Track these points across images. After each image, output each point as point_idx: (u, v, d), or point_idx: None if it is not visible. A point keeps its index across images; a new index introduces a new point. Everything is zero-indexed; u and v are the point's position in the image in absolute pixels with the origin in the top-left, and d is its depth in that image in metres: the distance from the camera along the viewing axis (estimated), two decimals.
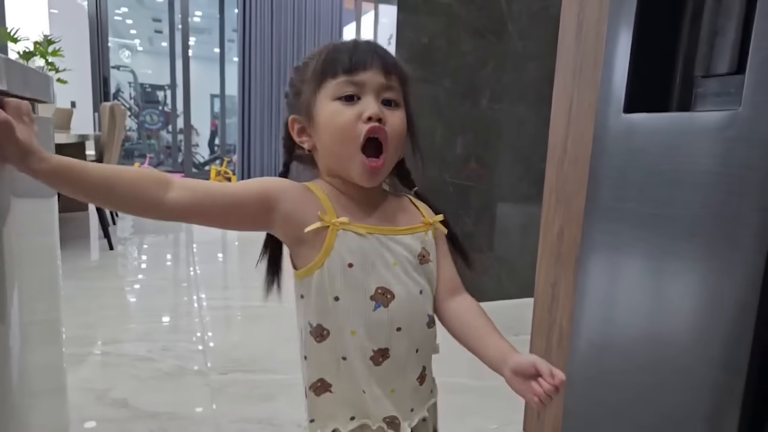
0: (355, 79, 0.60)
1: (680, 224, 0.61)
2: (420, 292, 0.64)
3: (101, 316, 1.95)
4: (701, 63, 0.63)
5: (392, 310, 0.61)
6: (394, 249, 0.63)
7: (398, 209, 0.68)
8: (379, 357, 0.62)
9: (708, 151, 0.58)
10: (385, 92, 0.61)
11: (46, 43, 3.08)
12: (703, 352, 0.60)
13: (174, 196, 0.56)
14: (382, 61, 0.61)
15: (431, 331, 0.68)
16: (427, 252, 0.67)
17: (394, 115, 0.62)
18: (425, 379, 0.68)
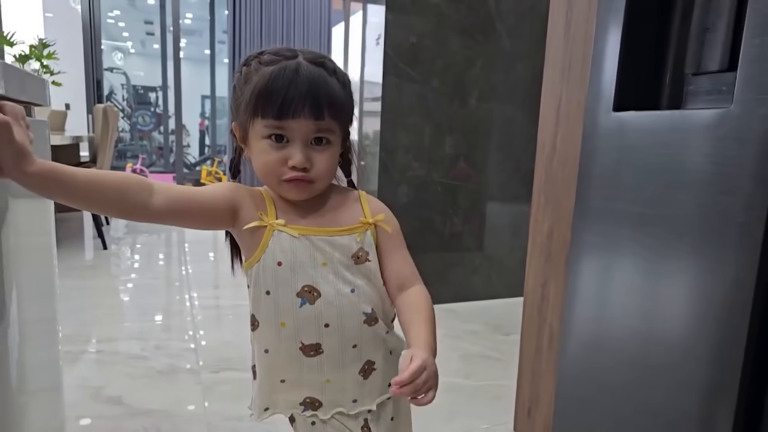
0: (284, 124, 0.62)
1: (671, 223, 0.61)
2: (351, 290, 0.67)
3: (96, 315, 1.96)
4: (692, 60, 0.63)
5: (318, 307, 0.66)
6: (325, 250, 0.66)
7: (339, 209, 0.70)
8: (310, 350, 0.67)
9: (699, 149, 0.57)
10: (314, 134, 0.63)
11: (41, 47, 3.10)
12: (695, 351, 0.59)
13: (155, 201, 0.61)
14: (312, 107, 0.61)
15: (374, 328, 0.69)
16: (365, 252, 0.69)
17: (322, 156, 0.65)
18: (371, 373, 0.71)
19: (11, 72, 0.61)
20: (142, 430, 1.23)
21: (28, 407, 0.71)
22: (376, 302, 0.70)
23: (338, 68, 0.67)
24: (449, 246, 2.21)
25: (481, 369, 1.59)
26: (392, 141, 2.04)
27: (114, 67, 8.17)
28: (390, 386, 0.70)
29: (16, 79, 0.63)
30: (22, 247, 0.68)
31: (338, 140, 0.66)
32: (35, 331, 0.75)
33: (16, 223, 0.64)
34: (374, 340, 0.70)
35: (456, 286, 2.25)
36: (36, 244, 0.78)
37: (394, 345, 0.74)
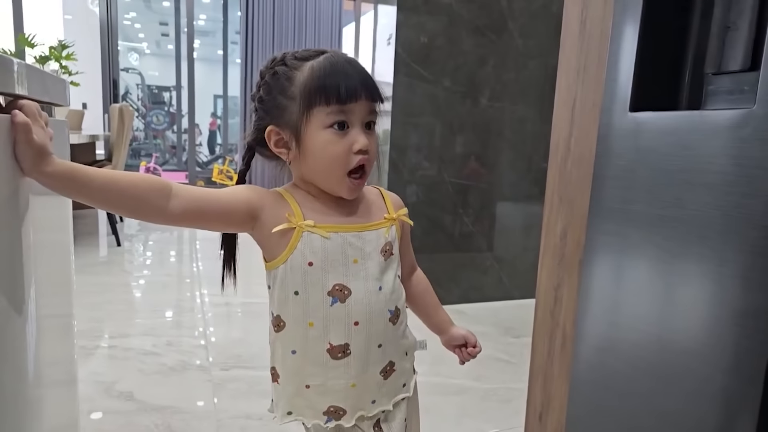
0: (347, 108, 0.63)
1: (691, 226, 0.59)
2: (379, 288, 0.68)
3: (109, 311, 1.98)
4: (712, 59, 0.61)
5: (349, 305, 0.66)
6: (356, 245, 0.67)
7: (366, 205, 0.71)
8: (338, 352, 0.67)
9: (720, 150, 0.56)
10: (368, 117, 0.65)
11: (60, 48, 3.17)
12: (715, 358, 0.58)
13: (172, 206, 0.60)
14: (369, 89, 0.64)
15: (396, 327, 0.71)
16: (391, 246, 0.71)
17: (372, 139, 0.66)
18: (391, 373, 0.72)
19: (33, 73, 0.62)
20: (153, 426, 1.24)
21: (44, 400, 0.72)
22: (399, 300, 0.72)
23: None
24: (459, 246, 2.20)
25: (491, 372, 1.58)
26: (403, 140, 2.03)
27: (129, 68, 8.28)
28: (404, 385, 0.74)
29: (37, 80, 0.64)
30: (42, 244, 0.69)
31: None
32: (52, 325, 0.76)
33: (36, 219, 0.64)
34: (395, 339, 0.72)
35: (466, 287, 2.24)
36: (55, 240, 0.79)
37: (408, 346, 0.75)
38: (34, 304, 0.64)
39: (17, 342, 0.60)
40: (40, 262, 0.67)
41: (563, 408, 0.92)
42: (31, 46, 3.17)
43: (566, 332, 0.93)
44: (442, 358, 1.67)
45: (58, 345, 0.81)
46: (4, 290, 0.54)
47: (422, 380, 0.76)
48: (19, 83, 0.57)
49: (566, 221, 0.90)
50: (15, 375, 0.60)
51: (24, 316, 0.60)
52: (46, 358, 0.72)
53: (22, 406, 0.62)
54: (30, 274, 0.62)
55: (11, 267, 0.57)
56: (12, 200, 0.57)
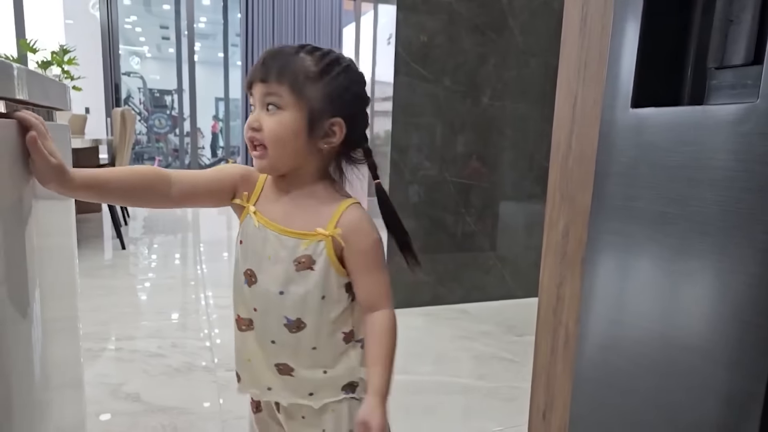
0: (252, 91, 0.69)
1: (693, 222, 0.59)
2: (280, 292, 0.70)
3: (114, 314, 1.99)
4: (714, 54, 0.60)
5: (253, 291, 0.72)
6: (274, 245, 0.70)
7: (307, 212, 0.71)
8: (242, 324, 0.74)
9: (723, 146, 0.55)
10: (266, 98, 0.68)
11: (62, 53, 3.19)
12: (719, 355, 0.57)
13: (174, 191, 0.70)
14: (261, 71, 0.67)
15: (297, 335, 0.71)
16: (312, 260, 0.69)
17: (269, 119, 0.67)
18: (287, 374, 0.73)
19: (34, 78, 0.63)
20: (160, 426, 1.24)
21: (50, 403, 0.72)
22: (310, 314, 0.70)
23: (325, 54, 0.69)
24: (462, 246, 2.19)
25: (494, 370, 1.57)
26: (404, 140, 2.03)
27: (131, 72, 8.31)
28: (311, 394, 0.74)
29: (38, 85, 0.65)
30: (45, 247, 0.70)
31: (293, 109, 0.67)
32: (57, 328, 0.77)
33: (39, 223, 0.65)
34: (296, 348, 0.72)
35: (468, 287, 2.23)
36: (58, 244, 0.80)
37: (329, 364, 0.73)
38: (39, 308, 0.64)
39: (23, 345, 0.60)
40: (45, 265, 0.68)
41: (566, 406, 0.92)
42: (33, 51, 3.19)
43: (569, 330, 0.93)
44: (445, 358, 1.68)
45: (63, 347, 0.82)
46: (9, 294, 0.54)
47: (426, 379, 0.76)
48: (19, 88, 0.58)
49: (568, 219, 0.90)
50: (22, 378, 0.60)
51: (29, 320, 0.61)
52: (52, 361, 0.72)
53: (30, 408, 0.62)
54: (34, 278, 0.63)
55: (16, 271, 0.57)
56: (16, 205, 0.57)
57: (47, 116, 0.78)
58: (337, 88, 0.68)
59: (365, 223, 0.71)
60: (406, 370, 1.51)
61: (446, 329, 1.92)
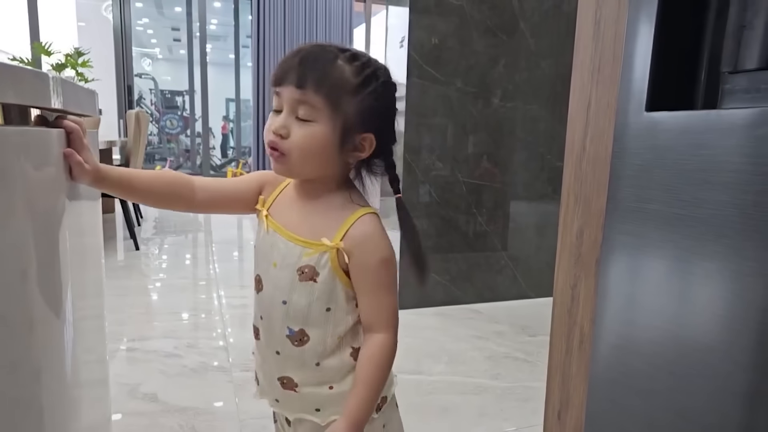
0: (277, 91, 0.64)
1: (709, 225, 0.59)
2: (283, 302, 0.67)
3: (130, 314, 2.02)
4: (728, 58, 0.61)
5: (260, 297, 0.71)
6: (281, 251, 0.67)
7: (317, 220, 0.67)
8: (255, 332, 0.73)
9: (737, 149, 0.56)
10: (297, 105, 0.62)
11: (76, 55, 3.23)
12: (735, 356, 0.58)
13: (198, 197, 0.71)
14: (298, 75, 0.61)
15: (300, 349, 0.67)
16: (315, 272, 0.65)
17: (298, 130, 0.63)
18: (291, 388, 0.70)
19: (68, 87, 0.65)
20: (178, 427, 1.26)
21: (81, 399, 0.75)
22: (313, 326, 0.66)
23: (367, 62, 0.64)
24: (474, 246, 2.20)
25: (508, 370, 1.58)
26: (416, 141, 2.04)
27: (143, 73, 8.38)
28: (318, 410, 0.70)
29: (71, 94, 0.68)
30: (77, 248, 0.72)
31: (327, 123, 0.62)
32: (87, 327, 0.78)
33: (72, 225, 0.67)
34: (301, 363, 0.68)
35: (481, 287, 2.24)
36: (87, 244, 0.81)
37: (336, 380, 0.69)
38: (70, 307, 0.66)
39: (58, 343, 0.62)
40: (75, 266, 0.70)
41: (582, 406, 0.92)
42: (48, 54, 3.22)
43: (584, 331, 0.93)
44: (459, 358, 1.68)
45: (91, 346, 0.83)
46: (45, 295, 0.56)
47: (440, 380, 0.77)
48: (55, 97, 0.60)
49: (582, 221, 0.90)
50: (56, 376, 0.62)
51: (62, 319, 0.63)
52: (81, 359, 0.74)
53: (65, 405, 0.64)
54: (67, 278, 0.64)
55: (52, 271, 0.59)
56: (55, 207, 0.60)
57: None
58: (373, 104, 0.64)
59: (376, 238, 0.66)
60: (419, 371, 1.52)
61: (459, 329, 1.93)
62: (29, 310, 0.53)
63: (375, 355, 0.66)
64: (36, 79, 0.56)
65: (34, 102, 0.56)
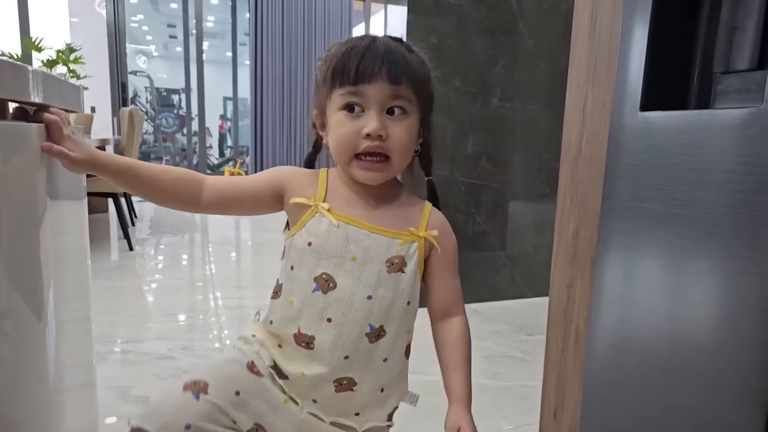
0: (359, 90, 0.60)
1: (701, 224, 0.60)
2: (368, 297, 0.63)
3: (123, 316, 2.00)
4: (720, 59, 0.62)
5: (328, 298, 0.63)
6: (362, 243, 0.64)
7: (394, 211, 0.67)
8: (302, 341, 0.65)
9: (729, 149, 0.56)
10: (391, 101, 0.61)
11: (68, 51, 3.19)
12: (728, 354, 0.58)
13: (205, 196, 0.66)
14: (390, 70, 0.60)
15: (374, 345, 0.65)
16: (404, 262, 0.65)
17: (398, 127, 0.62)
18: (346, 390, 0.66)
19: (50, 81, 0.63)
20: None
21: (64, 405, 0.72)
22: (392, 321, 0.66)
23: (418, 50, 0.67)
24: (472, 246, 2.20)
25: (506, 369, 1.58)
26: None
27: (138, 70, 8.33)
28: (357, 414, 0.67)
29: (54, 88, 0.66)
30: (60, 249, 0.70)
31: (416, 115, 0.64)
32: (71, 330, 0.76)
33: (54, 224, 0.65)
34: (368, 359, 0.66)
35: (479, 286, 2.24)
36: (72, 245, 0.79)
37: (387, 382, 0.68)
38: (53, 309, 0.64)
39: (38, 347, 0.60)
40: (59, 267, 0.68)
41: (578, 404, 0.93)
42: (39, 50, 3.18)
43: (579, 330, 0.94)
44: None
45: (77, 350, 0.81)
46: (24, 295, 0.54)
47: (438, 379, 0.77)
48: (35, 91, 0.58)
49: (578, 220, 0.91)
50: (37, 379, 0.60)
51: (44, 321, 0.61)
52: (65, 363, 0.72)
53: (46, 410, 0.62)
54: (49, 279, 0.63)
55: (31, 272, 0.57)
56: (32, 206, 0.57)
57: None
58: (434, 89, 0.68)
59: (449, 226, 0.71)
60: (418, 370, 1.51)
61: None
62: (4, 312, 0.50)
63: (465, 336, 0.70)
64: (14, 72, 0.53)
65: (12, 95, 0.53)
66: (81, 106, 0.85)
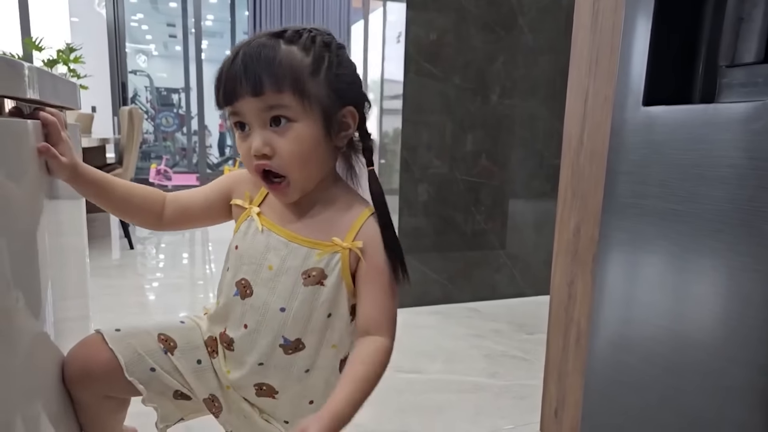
0: (234, 110, 0.57)
1: (705, 220, 0.59)
2: (281, 309, 0.61)
3: (123, 314, 2.00)
4: (726, 52, 0.60)
5: (246, 305, 0.63)
6: (280, 253, 0.61)
7: (326, 218, 0.63)
8: (224, 341, 0.66)
9: (734, 143, 0.55)
10: (267, 113, 0.56)
11: (68, 51, 3.18)
12: (731, 352, 0.58)
13: (167, 212, 0.67)
14: (250, 82, 0.55)
15: (290, 357, 0.63)
16: (323, 275, 0.61)
17: (283, 139, 0.57)
18: (268, 395, 0.66)
19: (45, 77, 0.63)
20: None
21: (66, 403, 0.72)
22: (311, 334, 0.62)
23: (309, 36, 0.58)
24: (472, 244, 2.19)
25: (506, 368, 1.57)
26: (413, 139, 2.03)
27: (138, 70, 8.32)
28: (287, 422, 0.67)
29: (49, 84, 0.65)
30: (57, 248, 0.70)
31: (306, 118, 0.57)
32: (70, 328, 0.76)
33: (51, 223, 0.66)
34: (286, 370, 0.64)
35: (478, 285, 2.23)
36: (69, 244, 0.80)
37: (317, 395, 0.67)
38: (51, 308, 0.64)
39: (36, 346, 0.60)
40: (56, 265, 0.68)
41: (578, 404, 0.92)
42: (39, 50, 3.18)
43: (580, 328, 0.93)
44: (456, 356, 1.68)
45: None
46: (22, 294, 0.54)
47: (437, 378, 0.75)
48: (30, 87, 0.58)
49: (579, 217, 0.90)
50: (36, 378, 0.60)
51: (42, 319, 0.61)
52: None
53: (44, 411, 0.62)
54: (47, 278, 0.63)
55: (28, 271, 0.57)
56: (31, 204, 0.58)
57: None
58: (339, 75, 0.59)
59: (380, 241, 0.63)
60: (417, 369, 1.51)
61: (457, 327, 1.92)
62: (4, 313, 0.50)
63: (371, 355, 0.60)
64: (9, 68, 0.53)
65: (7, 92, 0.53)
66: (78, 103, 0.85)
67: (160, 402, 0.68)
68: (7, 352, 0.52)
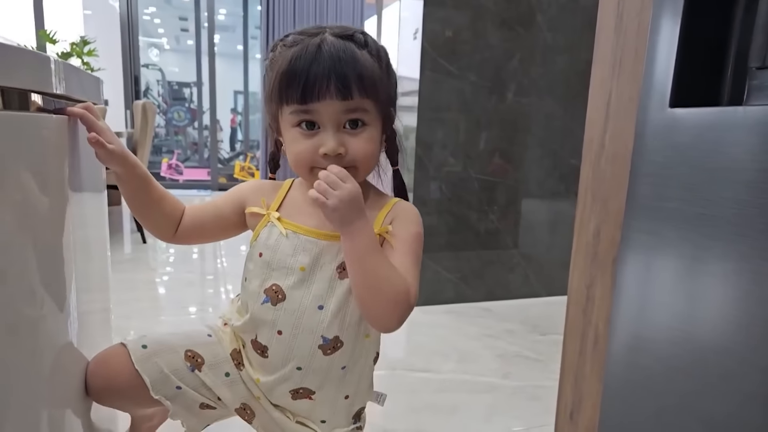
0: (309, 108, 0.57)
1: (732, 225, 0.58)
2: (319, 307, 0.61)
3: (136, 308, 2.02)
4: (756, 53, 0.59)
5: (278, 311, 0.62)
6: (311, 252, 0.61)
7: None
8: (257, 349, 0.65)
9: (763, 147, 0.54)
10: (346, 116, 0.57)
11: (82, 44, 3.20)
12: (753, 358, 0.57)
13: (183, 224, 0.66)
14: (339, 85, 0.55)
15: (330, 357, 0.63)
16: None
17: (358, 140, 0.58)
18: (303, 398, 0.66)
19: (71, 71, 0.64)
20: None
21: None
22: (348, 330, 0.63)
23: (371, 40, 0.60)
24: (485, 243, 2.18)
25: (519, 369, 1.57)
26: (428, 136, 2.02)
27: (150, 64, 8.37)
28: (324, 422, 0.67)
29: (75, 79, 0.66)
30: (81, 240, 0.71)
31: (376, 121, 0.60)
32: (92, 321, 0.77)
33: (75, 216, 0.66)
34: (325, 371, 0.65)
35: (492, 285, 2.22)
36: (92, 237, 0.80)
37: (352, 389, 0.67)
38: (74, 300, 0.65)
39: (60, 338, 0.61)
40: (80, 258, 0.69)
41: (596, 407, 0.91)
42: (53, 42, 3.20)
43: (599, 331, 0.92)
44: (469, 356, 1.67)
45: (98, 341, 0.83)
46: (47, 287, 0.55)
47: (450, 378, 0.75)
48: (57, 82, 0.58)
49: (600, 219, 0.89)
50: (59, 371, 0.61)
51: (65, 312, 0.62)
52: (87, 354, 0.73)
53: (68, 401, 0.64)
54: (71, 270, 0.64)
55: (55, 264, 0.58)
56: (53, 197, 0.58)
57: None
58: (394, 81, 0.63)
59: (415, 215, 0.65)
60: (429, 368, 1.51)
61: (470, 327, 1.91)
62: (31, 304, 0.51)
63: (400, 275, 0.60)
64: (37, 62, 0.54)
65: (35, 86, 0.53)
66: (101, 97, 0.86)
67: (186, 416, 0.68)
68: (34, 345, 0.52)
